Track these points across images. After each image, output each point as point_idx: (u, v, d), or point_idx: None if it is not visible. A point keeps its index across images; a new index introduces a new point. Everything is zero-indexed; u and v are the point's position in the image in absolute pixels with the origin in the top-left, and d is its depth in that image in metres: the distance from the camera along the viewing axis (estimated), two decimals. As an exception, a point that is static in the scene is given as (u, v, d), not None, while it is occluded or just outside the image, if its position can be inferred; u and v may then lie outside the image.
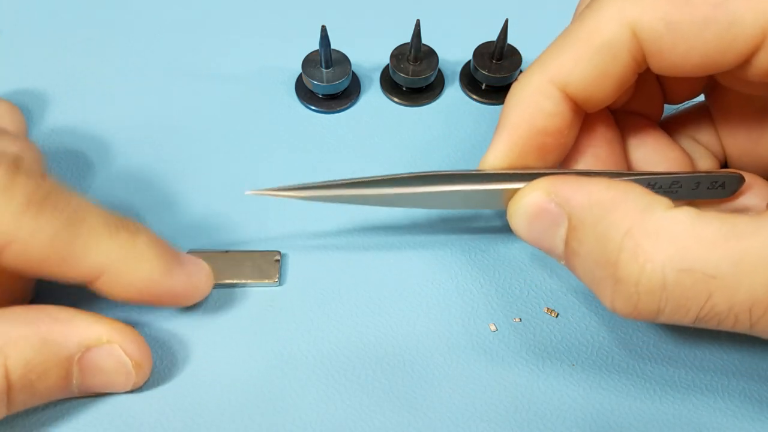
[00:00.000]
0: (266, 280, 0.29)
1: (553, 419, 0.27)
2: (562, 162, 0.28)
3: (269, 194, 0.26)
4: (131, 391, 0.26)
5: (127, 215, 0.30)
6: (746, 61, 0.22)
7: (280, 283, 0.29)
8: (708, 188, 0.27)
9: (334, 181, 0.26)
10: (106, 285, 0.24)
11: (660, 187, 0.26)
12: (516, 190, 0.25)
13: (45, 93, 0.34)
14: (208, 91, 0.35)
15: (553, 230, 0.24)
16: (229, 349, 0.28)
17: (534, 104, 0.25)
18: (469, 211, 0.32)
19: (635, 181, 0.25)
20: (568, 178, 0.24)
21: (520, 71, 0.36)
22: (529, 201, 0.24)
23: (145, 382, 0.26)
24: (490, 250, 0.31)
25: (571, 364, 0.28)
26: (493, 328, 0.29)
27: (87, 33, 0.37)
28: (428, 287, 0.30)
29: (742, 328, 0.21)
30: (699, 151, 0.30)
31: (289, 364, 0.27)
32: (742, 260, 0.20)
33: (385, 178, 0.26)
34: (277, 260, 0.29)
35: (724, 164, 0.30)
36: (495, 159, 0.26)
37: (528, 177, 0.25)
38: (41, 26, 0.37)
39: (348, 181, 0.26)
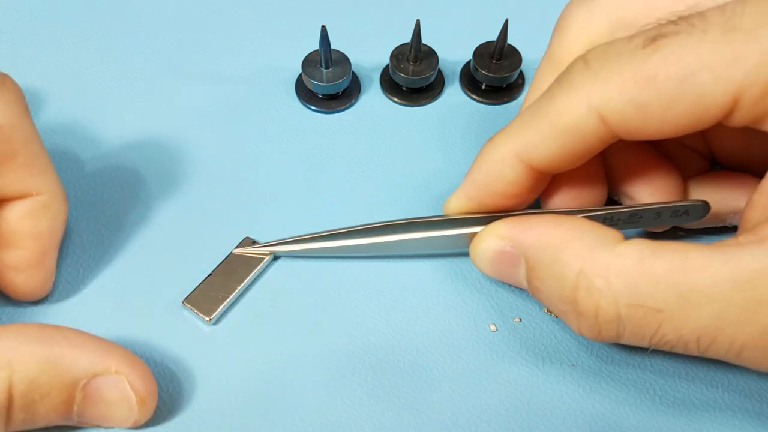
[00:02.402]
0: (262, 262, 0.29)
1: (553, 419, 0.27)
2: (543, 192, 0.28)
3: (247, 253, 0.29)
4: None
5: (124, 216, 0.31)
6: (723, 119, 0.22)
7: (275, 256, 0.30)
8: (671, 216, 0.27)
9: (305, 235, 0.29)
10: (34, 213, 0.26)
11: (619, 219, 0.27)
12: (476, 233, 0.27)
13: (45, 93, 0.34)
14: (208, 91, 0.35)
15: (514, 270, 0.25)
16: (229, 349, 0.28)
17: (496, 171, 0.26)
18: None
19: (592, 217, 0.26)
20: (520, 220, 0.25)
21: (520, 71, 0.36)
22: (486, 246, 0.26)
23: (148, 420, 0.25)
24: (490, 250, 0.31)
25: (571, 364, 0.28)
26: (493, 328, 0.29)
27: (87, 33, 0.37)
28: (428, 287, 0.30)
29: (692, 353, 0.22)
30: (686, 155, 0.30)
31: (289, 364, 0.27)
32: (688, 295, 0.21)
33: (352, 229, 0.29)
34: (252, 241, 0.30)
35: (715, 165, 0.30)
36: (455, 207, 0.28)
37: (485, 220, 0.27)
38: (41, 26, 0.37)
39: (315, 235, 0.29)
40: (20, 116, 0.25)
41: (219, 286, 0.28)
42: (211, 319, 0.28)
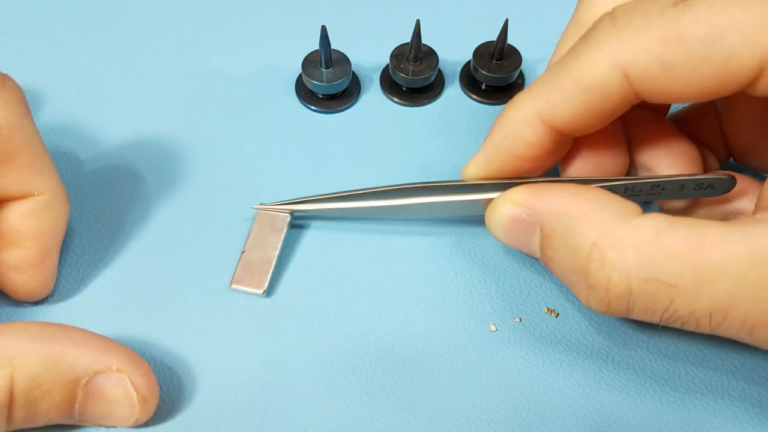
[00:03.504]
0: (286, 222, 0.29)
1: (553, 419, 0.27)
2: (563, 158, 0.28)
3: (266, 209, 0.29)
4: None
5: (124, 216, 0.31)
6: (748, 86, 0.22)
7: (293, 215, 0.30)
8: (695, 189, 0.26)
9: (318, 195, 0.28)
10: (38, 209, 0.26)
11: (641, 190, 0.26)
12: (492, 199, 0.26)
13: (45, 93, 0.34)
14: (208, 91, 0.35)
15: (528, 238, 0.25)
16: (229, 349, 0.28)
17: (516, 132, 0.26)
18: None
19: (613, 186, 0.26)
20: (538, 187, 0.25)
21: (520, 71, 0.36)
22: (502, 212, 0.26)
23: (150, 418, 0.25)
24: (490, 250, 0.31)
25: (571, 364, 0.28)
26: (493, 328, 0.29)
27: (87, 33, 0.37)
28: (428, 287, 0.30)
29: (703, 330, 0.22)
30: (701, 150, 0.29)
31: (289, 364, 0.27)
32: (703, 271, 0.21)
33: (369, 191, 0.28)
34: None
35: (725, 163, 0.30)
36: (474, 171, 0.27)
37: (503, 186, 0.27)
38: (41, 26, 0.37)
39: (333, 195, 0.28)
40: (21, 117, 0.25)
41: (257, 260, 0.29)
42: (264, 292, 0.28)
